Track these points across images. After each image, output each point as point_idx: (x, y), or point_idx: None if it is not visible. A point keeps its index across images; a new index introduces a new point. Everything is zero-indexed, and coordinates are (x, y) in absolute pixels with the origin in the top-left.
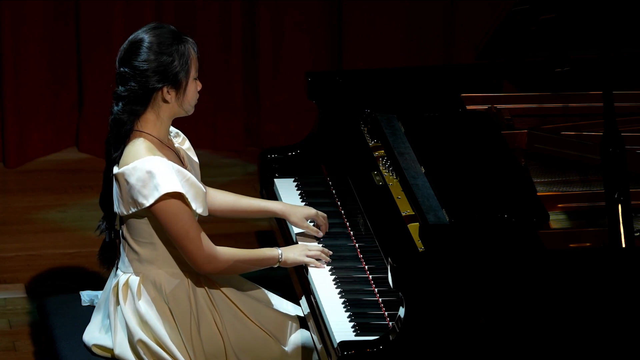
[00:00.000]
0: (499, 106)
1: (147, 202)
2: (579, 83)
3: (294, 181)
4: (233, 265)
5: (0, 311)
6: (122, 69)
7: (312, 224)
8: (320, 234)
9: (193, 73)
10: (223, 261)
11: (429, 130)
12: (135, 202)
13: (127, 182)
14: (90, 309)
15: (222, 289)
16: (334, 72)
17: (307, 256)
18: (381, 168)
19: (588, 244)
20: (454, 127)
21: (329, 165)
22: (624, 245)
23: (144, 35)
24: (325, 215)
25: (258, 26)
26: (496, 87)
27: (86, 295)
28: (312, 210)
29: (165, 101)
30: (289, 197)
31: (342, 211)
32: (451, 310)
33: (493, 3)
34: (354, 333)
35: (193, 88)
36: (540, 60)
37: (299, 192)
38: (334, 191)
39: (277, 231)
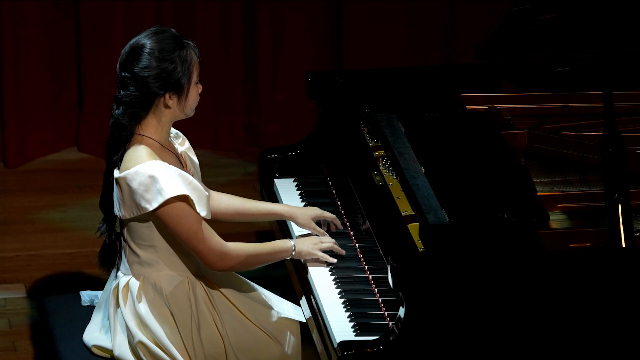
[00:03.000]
0: (499, 106)
1: (151, 207)
2: (579, 83)
3: (294, 181)
4: (246, 261)
5: (0, 311)
6: (123, 73)
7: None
8: (326, 234)
9: (195, 78)
10: (235, 257)
11: (429, 130)
12: (138, 207)
13: (129, 187)
14: (90, 309)
15: (221, 290)
16: (334, 72)
17: (321, 250)
18: (381, 168)
19: (588, 244)
20: (454, 127)
21: (329, 165)
22: (624, 245)
23: (146, 41)
24: (333, 215)
25: (258, 26)
26: (496, 87)
27: (86, 296)
28: (317, 210)
29: (167, 106)
30: (289, 197)
31: (342, 211)
32: (451, 310)
33: (493, 3)
34: (354, 333)
35: (195, 92)
36: (540, 60)
37: (299, 192)
38: (334, 191)
39: (277, 231)
